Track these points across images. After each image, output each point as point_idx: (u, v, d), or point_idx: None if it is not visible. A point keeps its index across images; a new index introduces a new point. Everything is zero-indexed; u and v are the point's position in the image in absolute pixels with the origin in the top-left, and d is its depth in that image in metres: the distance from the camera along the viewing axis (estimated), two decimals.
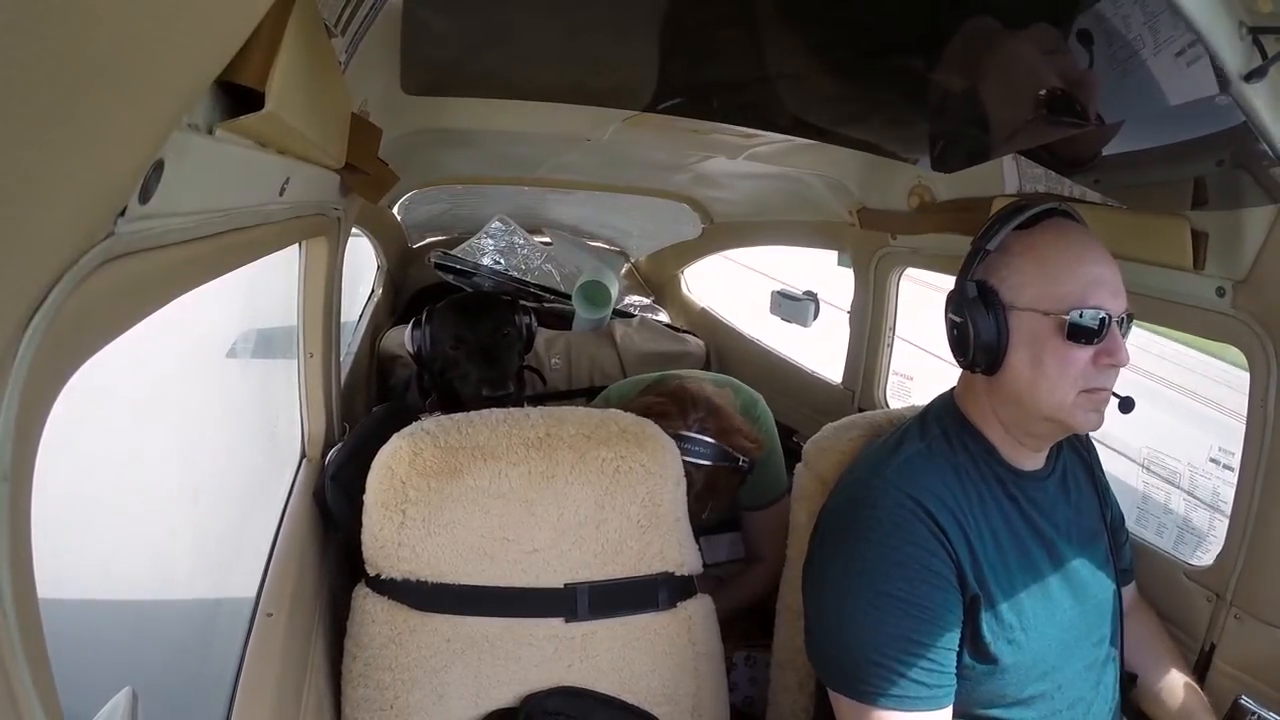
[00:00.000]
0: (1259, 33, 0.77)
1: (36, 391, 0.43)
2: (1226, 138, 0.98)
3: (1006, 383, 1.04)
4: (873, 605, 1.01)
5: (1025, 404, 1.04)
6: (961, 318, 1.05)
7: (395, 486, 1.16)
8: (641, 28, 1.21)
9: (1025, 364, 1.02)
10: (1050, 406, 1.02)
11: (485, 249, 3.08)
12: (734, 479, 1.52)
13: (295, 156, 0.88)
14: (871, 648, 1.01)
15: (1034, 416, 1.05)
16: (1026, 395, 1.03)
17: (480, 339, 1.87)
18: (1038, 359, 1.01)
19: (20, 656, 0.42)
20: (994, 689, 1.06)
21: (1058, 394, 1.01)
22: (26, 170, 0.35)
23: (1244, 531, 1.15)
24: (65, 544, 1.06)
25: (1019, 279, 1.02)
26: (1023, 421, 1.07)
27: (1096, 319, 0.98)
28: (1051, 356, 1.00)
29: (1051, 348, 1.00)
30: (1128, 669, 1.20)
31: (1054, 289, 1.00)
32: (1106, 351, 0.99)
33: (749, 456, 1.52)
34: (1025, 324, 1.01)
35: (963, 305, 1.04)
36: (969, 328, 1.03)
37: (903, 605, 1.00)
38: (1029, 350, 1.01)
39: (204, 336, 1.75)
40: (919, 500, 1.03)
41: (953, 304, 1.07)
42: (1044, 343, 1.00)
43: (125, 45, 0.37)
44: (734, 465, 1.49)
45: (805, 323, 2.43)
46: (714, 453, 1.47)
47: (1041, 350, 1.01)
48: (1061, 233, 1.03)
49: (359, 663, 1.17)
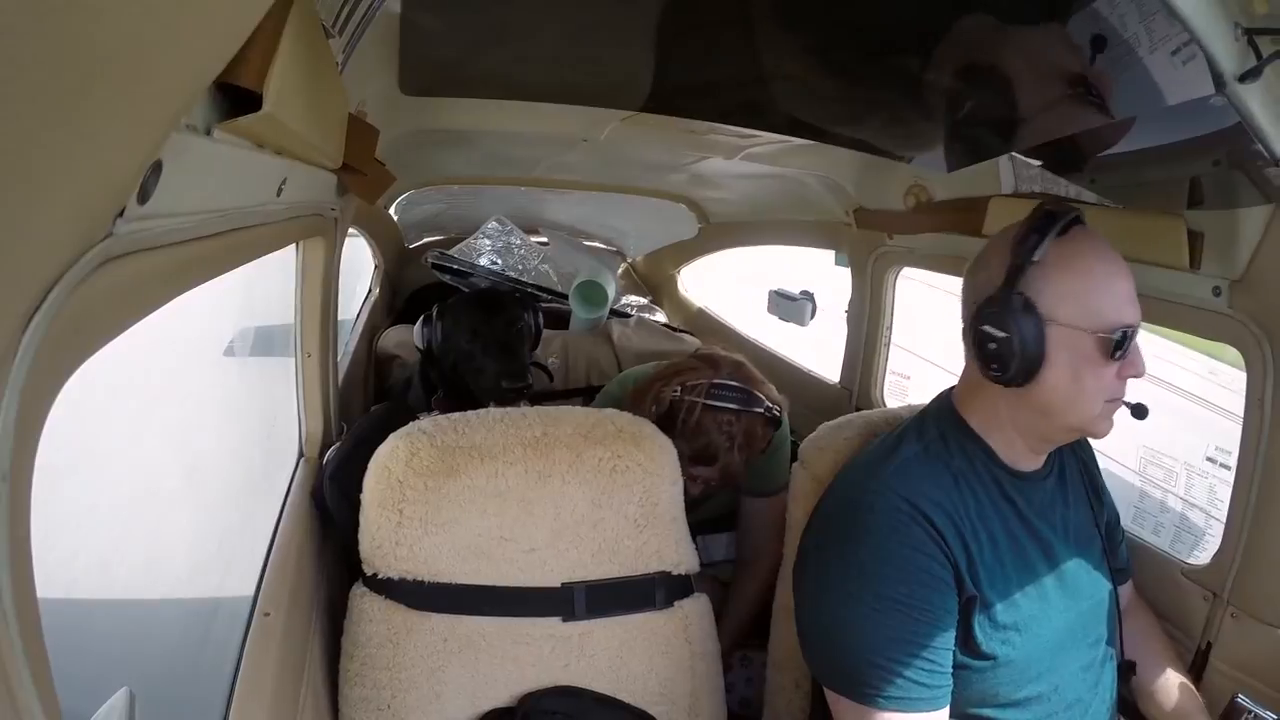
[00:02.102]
0: (1254, 33, 0.77)
1: (36, 391, 0.43)
2: (1222, 138, 0.98)
3: (1038, 395, 1.02)
4: (871, 608, 1.01)
5: (1054, 416, 1.03)
6: (1007, 332, 0.99)
7: (392, 486, 1.16)
8: (638, 28, 1.21)
9: (1064, 379, 1.00)
10: (1079, 418, 1.02)
11: (482, 249, 3.08)
12: (768, 430, 1.54)
13: (293, 157, 0.88)
14: (870, 649, 1.01)
15: (1059, 427, 1.04)
16: (1058, 408, 1.02)
17: (497, 333, 1.89)
18: (1078, 374, 0.99)
19: (20, 656, 0.42)
20: (988, 688, 1.06)
21: (1090, 407, 1.01)
22: (26, 170, 0.35)
23: (1241, 530, 1.15)
24: (65, 544, 1.06)
25: (1058, 292, 0.99)
26: (1044, 431, 1.06)
27: (1127, 334, 0.98)
28: (1090, 372, 0.99)
29: (1091, 364, 0.99)
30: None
31: (1094, 305, 0.98)
32: (1130, 364, 0.99)
33: (779, 406, 1.54)
34: (1065, 339, 0.99)
35: (1008, 319, 0.99)
36: (1013, 343, 0.99)
37: (901, 607, 1.00)
38: (1069, 366, 0.99)
39: (202, 336, 1.76)
40: (915, 504, 1.03)
41: (993, 317, 1.01)
42: (1084, 358, 0.99)
43: (124, 46, 0.37)
44: (768, 414, 1.51)
45: (802, 322, 2.44)
46: (749, 399, 1.49)
47: (1081, 366, 0.99)
48: (1093, 245, 1.00)
49: (356, 662, 1.17)
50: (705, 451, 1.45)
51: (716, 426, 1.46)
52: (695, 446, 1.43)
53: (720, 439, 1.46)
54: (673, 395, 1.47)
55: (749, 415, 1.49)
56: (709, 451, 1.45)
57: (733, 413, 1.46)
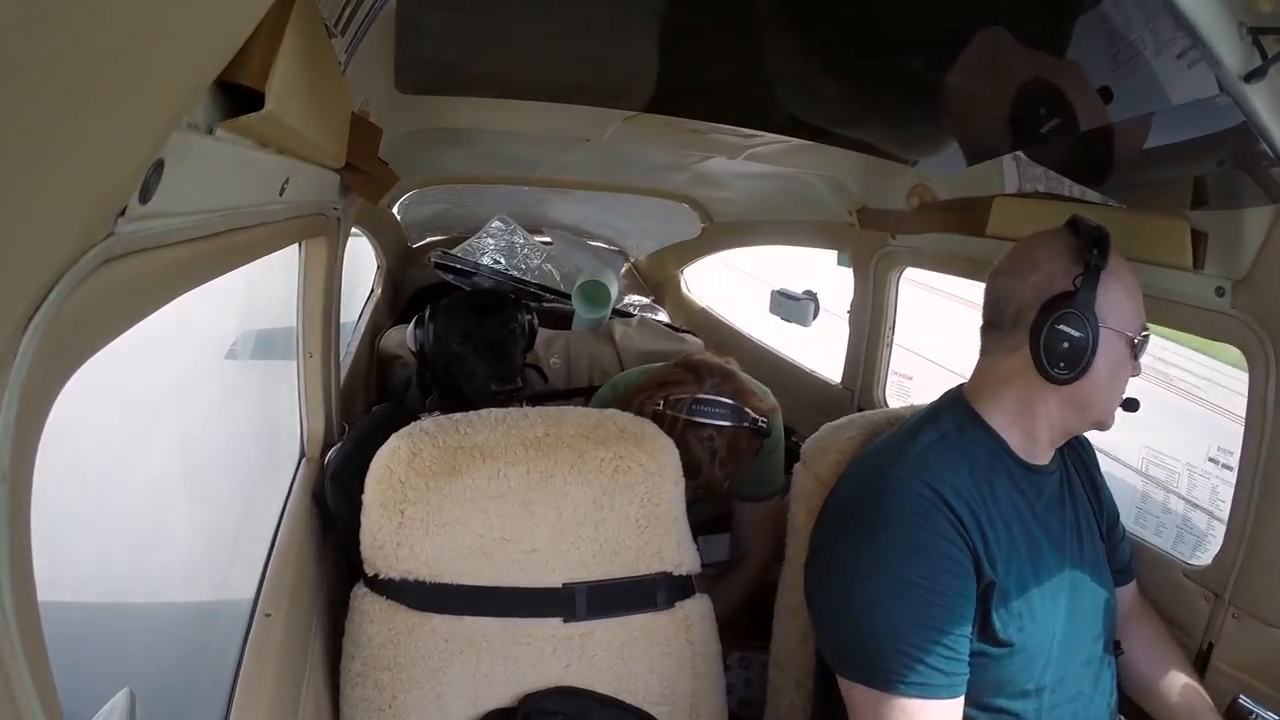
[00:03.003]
0: (1259, 33, 0.77)
1: (36, 391, 0.43)
2: (1226, 138, 0.98)
3: (1081, 392, 1.07)
4: (895, 593, 1.02)
5: (1088, 411, 1.10)
6: (1082, 333, 1.04)
7: (394, 486, 1.16)
8: (640, 28, 1.21)
9: (1105, 378, 1.07)
10: (1104, 413, 1.10)
11: (485, 249, 3.08)
12: (754, 442, 1.53)
13: (295, 156, 0.88)
14: (895, 634, 1.02)
15: (1087, 421, 1.11)
16: (1095, 404, 1.09)
17: (488, 335, 1.88)
18: (1115, 374, 1.07)
19: (20, 656, 0.42)
20: (999, 677, 1.07)
21: (1114, 404, 1.10)
22: (27, 169, 0.35)
23: (1243, 531, 1.15)
24: (65, 543, 1.06)
25: (1109, 297, 1.05)
26: (1073, 425, 1.12)
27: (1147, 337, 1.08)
28: (1123, 373, 1.08)
29: (1125, 365, 1.08)
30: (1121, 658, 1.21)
31: (1131, 311, 1.07)
32: (1137, 365, 1.09)
33: (766, 418, 1.53)
34: (1110, 341, 1.05)
35: (1084, 320, 1.04)
36: (1086, 343, 1.04)
37: (925, 593, 1.02)
38: (1109, 366, 1.06)
39: (205, 336, 1.76)
40: (937, 490, 1.05)
41: (1068, 317, 1.05)
42: (1119, 360, 1.07)
43: (125, 46, 0.37)
44: (754, 427, 1.50)
45: (805, 322, 2.43)
46: (734, 413, 1.48)
47: (1117, 367, 1.07)
48: (1121, 255, 1.08)
49: (357, 663, 1.17)
50: (688, 465, 1.41)
51: (699, 442, 1.45)
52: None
53: (703, 454, 1.45)
54: (655, 409, 1.46)
55: (733, 430, 1.48)
56: (691, 465, 1.43)
57: (716, 428, 1.46)
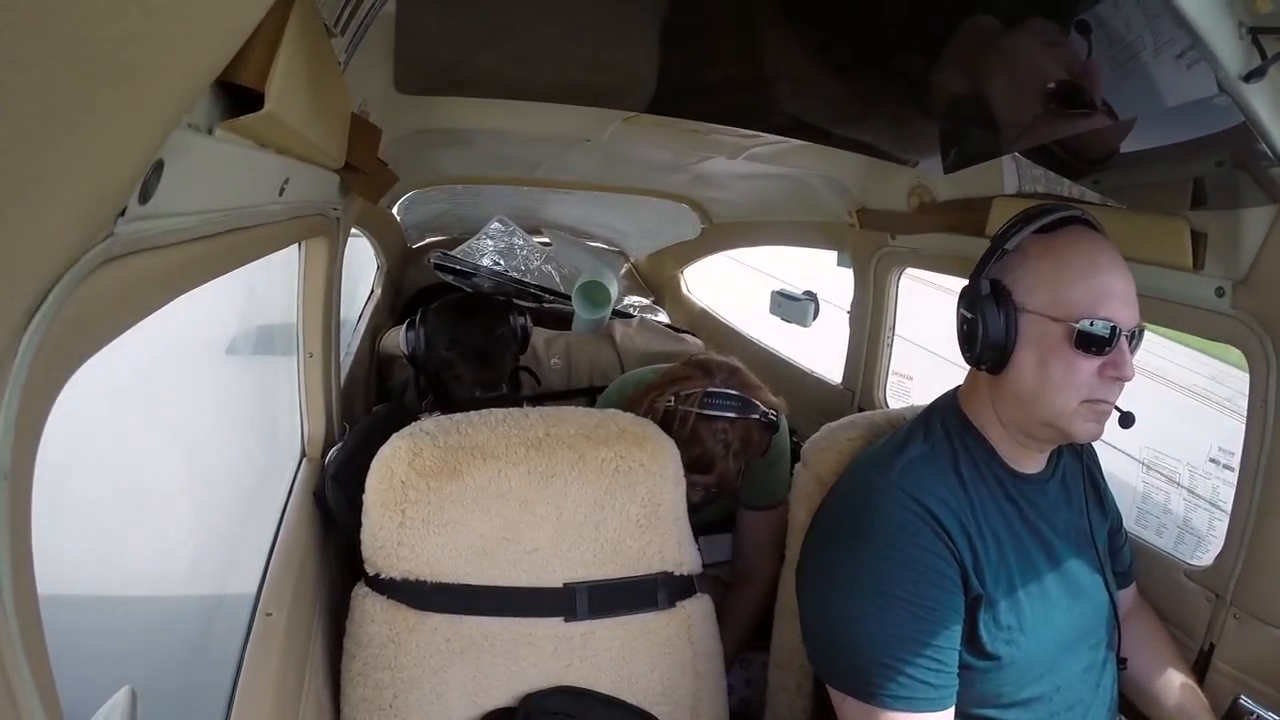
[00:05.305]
0: (1258, 33, 0.77)
1: (36, 391, 0.43)
2: (1226, 138, 0.97)
3: (1010, 382, 1.05)
4: (879, 606, 1.02)
5: (1027, 406, 1.05)
6: (973, 314, 1.05)
7: (395, 486, 1.16)
8: (640, 28, 1.21)
9: (1031, 366, 1.02)
10: (1051, 412, 1.03)
11: (485, 250, 3.08)
12: (765, 435, 1.53)
13: (295, 156, 0.88)
14: (879, 648, 1.01)
15: (1034, 420, 1.05)
16: (1029, 398, 1.04)
17: (474, 340, 1.86)
18: (1044, 363, 1.01)
19: (20, 655, 0.42)
20: (991, 688, 1.06)
21: (1060, 401, 1.02)
22: (26, 170, 0.35)
23: (1244, 531, 1.15)
24: (64, 543, 1.06)
25: (1032, 281, 1.02)
26: (1023, 423, 1.07)
27: (1106, 329, 0.98)
28: (1058, 363, 1.01)
29: (1058, 354, 1.00)
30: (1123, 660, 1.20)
31: (1066, 295, 1.00)
32: (1113, 364, 0.99)
33: (775, 410, 1.53)
34: (1034, 327, 1.02)
35: (975, 301, 1.05)
36: (979, 324, 1.04)
37: (909, 606, 1.01)
38: (1036, 353, 1.02)
39: (204, 335, 1.75)
40: (922, 503, 1.03)
41: (965, 300, 1.08)
42: (1051, 348, 1.01)
43: (125, 45, 0.37)
44: (764, 419, 1.51)
45: (805, 323, 2.43)
46: (745, 405, 1.48)
47: (1048, 355, 1.01)
48: (1080, 240, 1.03)
49: (358, 662, 1.17)
50: (701, 460, 1.44)
51: (712, 435, 1.45)
52: (691, 455, 1.41)
53: (716, 447, 1.46)
54: (666, 405, 1.46)
55: (744, 421, 1.48)
56: (705, 460, 1.44)
57: (728, 420, 1.46)
